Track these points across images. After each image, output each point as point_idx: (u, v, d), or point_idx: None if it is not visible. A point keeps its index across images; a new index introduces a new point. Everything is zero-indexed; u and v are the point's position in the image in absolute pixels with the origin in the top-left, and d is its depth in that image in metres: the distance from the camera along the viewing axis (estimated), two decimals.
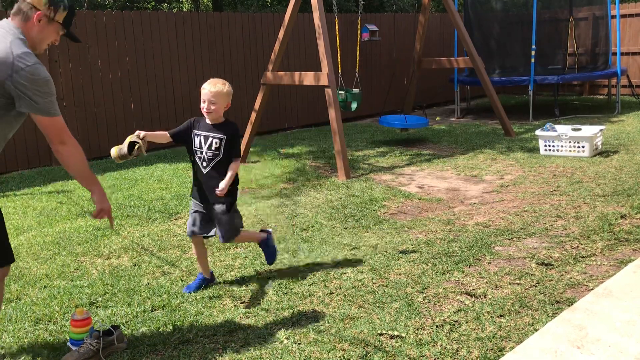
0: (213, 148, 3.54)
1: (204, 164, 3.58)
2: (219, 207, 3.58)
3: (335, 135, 6.78)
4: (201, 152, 3.58)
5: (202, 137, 3.57)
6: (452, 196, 5.78)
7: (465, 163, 7.18)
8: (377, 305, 3.39)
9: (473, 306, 3.31)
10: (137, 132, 3.42)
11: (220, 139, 3.53)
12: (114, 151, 3.38)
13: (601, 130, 7.33)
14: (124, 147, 3.35)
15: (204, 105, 3.54)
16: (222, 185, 3.49)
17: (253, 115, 7.89)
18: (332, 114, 6.76)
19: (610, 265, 3.80)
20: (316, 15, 6.89)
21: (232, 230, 3.65)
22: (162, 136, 3.60)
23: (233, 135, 3.57)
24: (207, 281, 3.81)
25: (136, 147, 3.33)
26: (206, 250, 3.88)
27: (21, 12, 2.68)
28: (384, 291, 3.57)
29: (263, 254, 4.04)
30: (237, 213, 3.71)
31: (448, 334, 3.01)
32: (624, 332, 2.85)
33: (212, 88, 3.49)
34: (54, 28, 2.77)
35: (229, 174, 3.52)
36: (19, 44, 2.60)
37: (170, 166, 7.60)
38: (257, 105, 7.85)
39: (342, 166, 6.60)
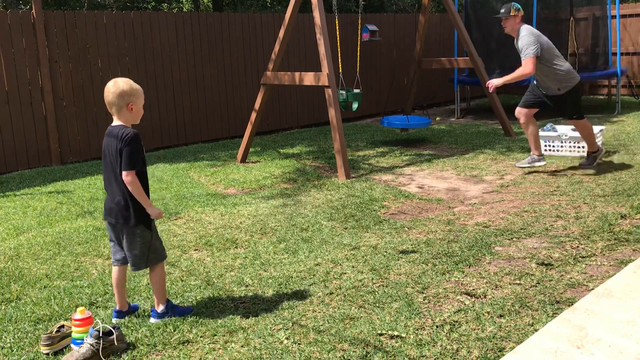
0: None
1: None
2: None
3: (335, 135, 6.78)
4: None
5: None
6: (452, 196, 5.78)
7: (465, 163, 7.18)
8: (377, 305, 3.39)
9: (473, 306, 3.31)
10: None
11: None
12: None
13: (601, 130, 7.33)
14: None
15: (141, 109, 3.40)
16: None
17: (253, 115, 7.89)
18: (332, 114, 6.76)
19: (610, 265, 3.80)
20: (316, 15, 6.89)
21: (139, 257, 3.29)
22: None
23: None
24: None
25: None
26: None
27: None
28: (384, 291, 3.57)
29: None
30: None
31: (448, 334, 3.01)
32: (624, 332, 2.86)
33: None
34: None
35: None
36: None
37: (170, 166, 7.60)
38: (257, 105, 7.85)
39: (342, 166, 6.60)
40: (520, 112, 6.45)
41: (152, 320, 3.33)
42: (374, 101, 11.67)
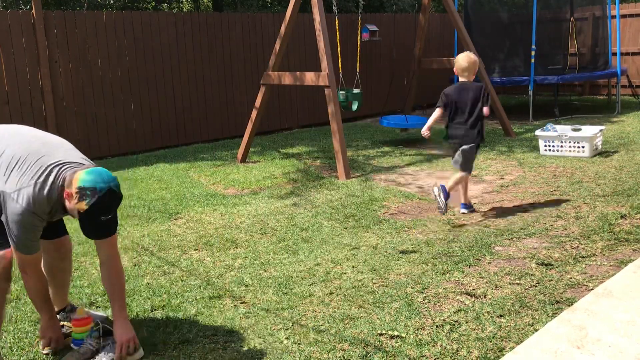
0: None
1: None
2: None
3: (335, 135, 6.78)
4: None
5: None
6: (452, 196, 5.77)
7: None
8: (377, 305, 3.39)
9: (473, 306, 3.32)
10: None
11: None
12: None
13: (601, 130, 7.33)
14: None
15: None
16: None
17: (253, 115, 7.89)
18: (332, 113, 6.76)
19: (610, 265, 3.80)
20: (316, 15, 6.89)
21: (467, 163, 5.03)
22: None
23: None
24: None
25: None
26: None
27: None
28: (384, 291, 3.57)
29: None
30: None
31: (448, 334, 3.01)
32: (624, 332, 2.86)
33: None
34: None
35: None
36: None
37: (170, 166, 7.60)
38: (257, 105, 7.85)
39: (342, 166, 6.60)
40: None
41: (463, 210, 5.17)
42: (374, 101, 11.66)
